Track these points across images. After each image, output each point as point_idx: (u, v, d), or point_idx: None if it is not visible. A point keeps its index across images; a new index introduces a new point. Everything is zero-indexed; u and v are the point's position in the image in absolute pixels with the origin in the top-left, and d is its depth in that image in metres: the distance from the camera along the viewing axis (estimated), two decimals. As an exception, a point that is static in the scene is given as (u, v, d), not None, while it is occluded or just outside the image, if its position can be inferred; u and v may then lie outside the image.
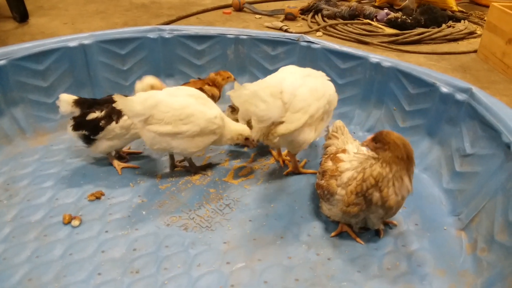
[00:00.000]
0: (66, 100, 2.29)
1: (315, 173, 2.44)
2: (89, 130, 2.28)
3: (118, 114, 2.27)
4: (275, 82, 2.15)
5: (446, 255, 1.96)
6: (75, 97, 2.33)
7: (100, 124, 2.27)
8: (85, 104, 2.32)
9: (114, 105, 2.09)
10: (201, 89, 2.65)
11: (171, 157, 2.45)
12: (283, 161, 2.56)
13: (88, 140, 2.32)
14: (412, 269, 1.88)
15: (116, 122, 2.26)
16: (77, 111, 2.30)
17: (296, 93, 2.12)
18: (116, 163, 2.43)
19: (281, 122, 2.09)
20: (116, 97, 2.06)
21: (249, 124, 2.44)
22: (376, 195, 1.80)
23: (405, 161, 1.77)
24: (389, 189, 1.79)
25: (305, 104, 2.12)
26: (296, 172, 2.47)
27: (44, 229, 2.02)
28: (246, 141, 2.46)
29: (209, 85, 2.74)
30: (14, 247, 1.92)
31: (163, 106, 2.14)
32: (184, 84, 2.79)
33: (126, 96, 2.09)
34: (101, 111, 2.28)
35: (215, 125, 2.26)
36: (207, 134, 2.26)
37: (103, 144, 2.33)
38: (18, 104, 2.74)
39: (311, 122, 2.17)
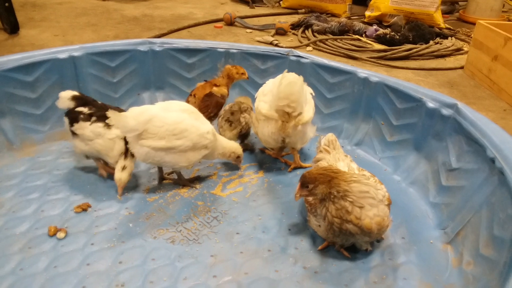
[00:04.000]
0: (64, 96, 2.39)
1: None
2: (70, 118, 2.36)
3: (97, 118, 2.30)
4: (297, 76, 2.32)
5: (432, 269, 1.97)
6: (75, 93, 2.41)
7: (79, 117, 2.32)
8: (81, 101, 2.39)
9: (107, 121, 2.15)
10: (209, 94, 2.71)
11: (160, 169, 2.45)
12: (285, 162, 2.73)
13: (71, 131, 2.37)
14: (398, 283, 1.89)
15: (90, 124, 2.29)
16: (72, 105, 2.38)
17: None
18: (101, 168, 2.45)
19: (300, 113, 2.32)
20: (110, 113, 2.10)
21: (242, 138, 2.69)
22: (351, 227, 1.80)
23: (334, 175, 1.80)
24: (353, 214, 1.78)
25: (309, 98, 2.48)
26: (298, 166, 2.66)
27: (29, 241, 2.00)
28: (237, 160, 2.54)
29: (216, 85, 2.79)
30: (-2, 259, 1.90)
31: (157, 121, 2.16)
32: (192, 91, 2.82)
33: (120, 109, 2.11)
34: (89, 109, 2.33)
35: (207, 140, 2.28)
36: (199, 149, 2.28)
37: (76, 141, 2.37)
38: (6, 115, 2.72)
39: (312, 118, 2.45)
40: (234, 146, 2.50)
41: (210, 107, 2.69)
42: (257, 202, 2.35)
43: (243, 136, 2.71)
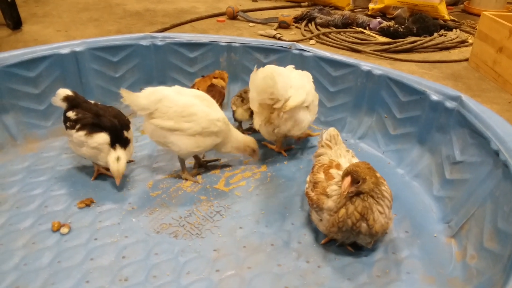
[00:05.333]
0: (59, 94, 2.37)
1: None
2: (64, 121, 2.38)
3: (80, 127, 2.27)
4: (275, 67, 2.35)
5: (435, 262, 1.96)
6: (69, 93, 2.37)
7: (67, 123, 2.34)
8: (72, 102, 2.36)
9: (122, 100, 2.17)
10: (211, 85, 2.81)
11: (196, 156, 2.52)
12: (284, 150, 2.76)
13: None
14: (401, 277, 1.88)
15: (76, 131, 2.27)
16: (64, 105, 2.37)
17: (290, 75, 2.45)
18: (96, 170, 2.45)
19: (286, 100, 2.32)
20: (123, 92, 2.16)
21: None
22: (364, 226, 1.80)
23: (377, 173, 1.80)
24: (374, 214, 1.79)
25: (301, 82, 2.46)
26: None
27: (32, 237, 2.01)
28: (252, 153, 2.52)
29: (215, 78, 2.89)
30: (2, 254, 1.91)
31: (168, 101, 2.22)
32: (192, 86, 2.85)
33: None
34: (76, 114, 2.31)
35: (217, 128, 2.29)
36: (208, 135, 2.29)
37: (70, 144, 2.39)
38: (9, 111, 2.72)
39: (308, 102, 2.43)
40: (248, 139, 2.49)
41: (216, 97, 2.73)
42: (260, 196, 2.35)
43: (253, 113, 2.70)
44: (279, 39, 4.99)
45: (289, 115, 2.36)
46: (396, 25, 5.36)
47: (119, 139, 2.27)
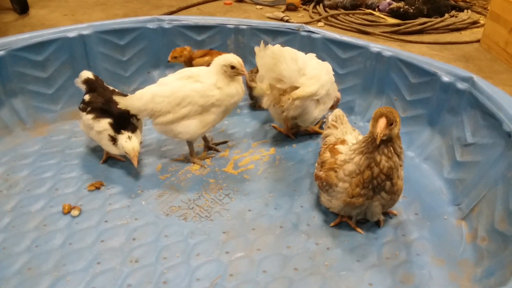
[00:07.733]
0: (81, 75, 2.43)
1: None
2: (81, 103, 2.40)
3: (90, 110, 2.28)
4: (291, 50, 2.35)
5: (446, 244, 1.96)
6: (90, 76, 2.42)
7: (81, 105, 2.37)
8: (91, 85, 2.40)
9: (118, 106, 2.18)
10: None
11: (204, 138, 2.53)
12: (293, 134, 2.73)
13: None
14: (411, 258, 1.88)
15: (86, 114, 2.29)
16: (84, 87, 2.42)
17: (307, 63, 2.37)
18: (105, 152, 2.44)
19: (296, 87, 2.29)
20: (117, 98, 2.18)
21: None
22: (388, 184, 1.81)
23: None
24: (396, 173, 1.80)
25: (317, 72, 2.38)
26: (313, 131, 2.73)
27: (44, 219, 2.03)
28: (235, 71, 2.21)
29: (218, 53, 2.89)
30: (14, 236, 1.93)
31: (157, 97, 2.20)
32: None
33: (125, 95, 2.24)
34: (89, 97, 2.34)
35: (213, 98, 2.23)
36: (209, 108, 2.25)
37: (81, 125, 2.41)
38: (18, 95, 2.73)
39: (320, 96, 2.38)
40: (220, 58, 2.23)
41: None
42: (269, 179, 2.34)
43: None
44: (287, 21, 4.94)
45: (300, 103, 2.32)
46: (406, 6, 5.28)
47: (125, 125, 2.24)
